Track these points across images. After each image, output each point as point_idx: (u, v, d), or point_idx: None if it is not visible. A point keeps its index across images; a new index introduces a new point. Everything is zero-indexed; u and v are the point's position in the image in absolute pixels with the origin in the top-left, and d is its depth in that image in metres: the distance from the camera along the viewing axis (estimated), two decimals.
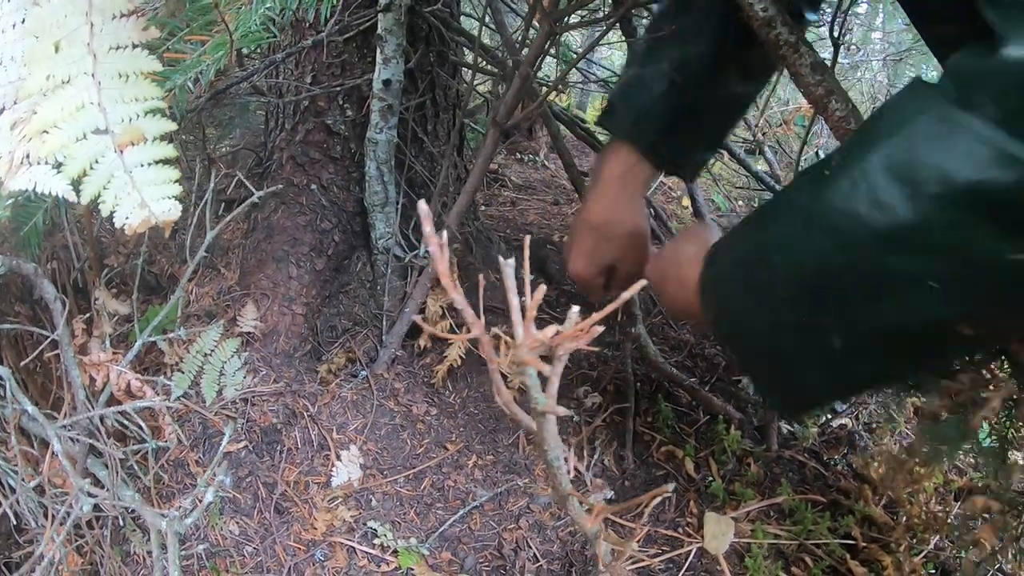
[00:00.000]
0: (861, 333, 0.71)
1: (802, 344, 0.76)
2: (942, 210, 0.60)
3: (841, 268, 0.69)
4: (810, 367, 0.77)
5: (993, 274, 0.61)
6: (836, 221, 0.68)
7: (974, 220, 0.59)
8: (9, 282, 1.20)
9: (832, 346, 0.72)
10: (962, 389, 1.04)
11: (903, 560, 1.26)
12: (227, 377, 1.43)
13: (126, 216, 0.68)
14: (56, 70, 0.70)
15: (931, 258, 0.63)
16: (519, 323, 0.58)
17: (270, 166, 1.79)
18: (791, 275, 0.74)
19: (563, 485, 0.82)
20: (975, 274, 0.62)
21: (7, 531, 1.19)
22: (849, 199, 0.66)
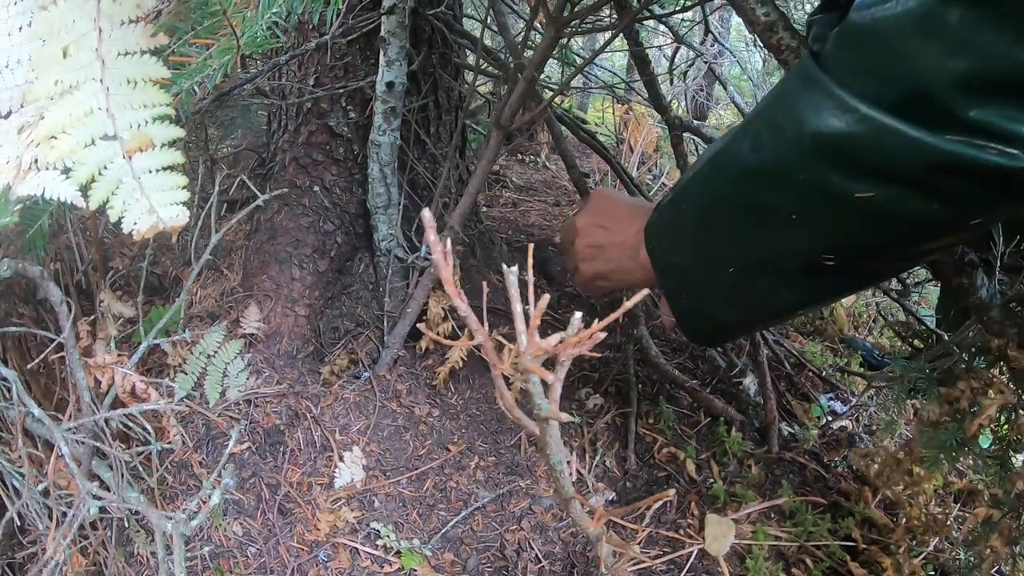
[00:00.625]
0: (744, 258, 0.82)
1: (706, 271, 0.87)
2: (798, 152, 0.71)
3: (728, 199, 0.81)
4: (715, 294, 0.89)
5: (844, 211, 0.71)
6: (728, 161, 0.82)
7: (823, 162, 0.69)
8: (14, 284, 1.20)
9: (727, 272, 0.84)
10: (960, 396, 1.04)
11: (903, 562, 1.26)
12: (230, 378, 1.44)
13: (134, 222, 0.68)
14: (64, 75, 0.70)
15: (791, 193, 0.74)
16: (523, 331, 0.58)
17: (273, 167, 1.79)
18: (697, 207, 0.87)
19: (566, 488, 0.83)
20: (829, 210, 0.72)
21: (11, 532, 1.19)
22: (738, 141, 0.79)
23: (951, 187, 0.64)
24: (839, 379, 1.92)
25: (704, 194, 0.86)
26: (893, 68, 0.62)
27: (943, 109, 0.60)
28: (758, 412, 1.66)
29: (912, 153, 0.63)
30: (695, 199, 0.88)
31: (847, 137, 0.66)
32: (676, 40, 2.57)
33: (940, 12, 0.59)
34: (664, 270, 0.95)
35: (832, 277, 0.80)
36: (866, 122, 0.64)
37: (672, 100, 3.46)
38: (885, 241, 0.73)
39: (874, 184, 0.67)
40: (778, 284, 0.84)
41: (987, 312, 1.04)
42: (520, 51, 1.51)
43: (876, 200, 0.68)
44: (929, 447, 1.09)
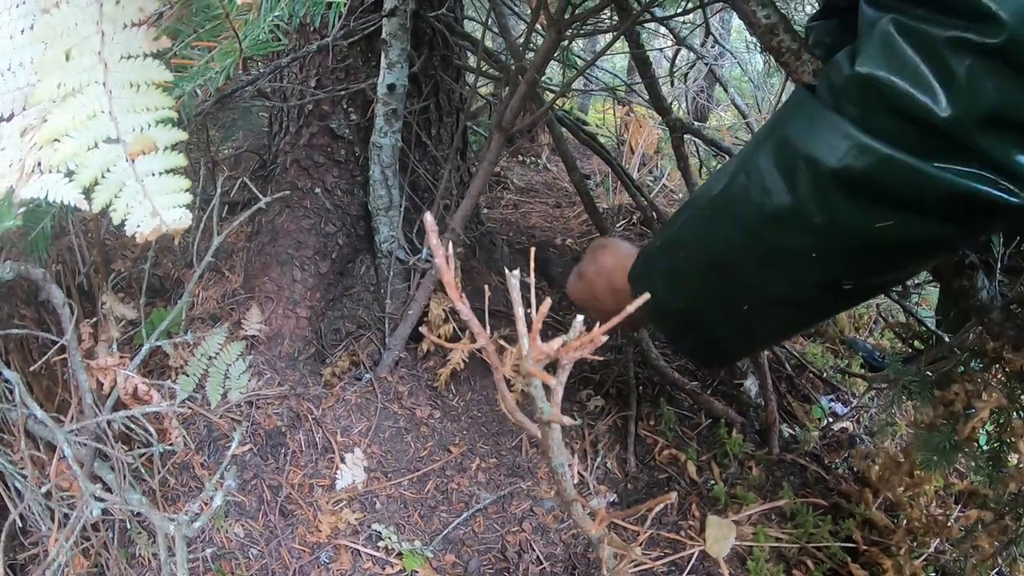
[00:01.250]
0: (762, 297, 0.84)
1: (715, 309, 0.89)
2: (814, 193, 0.73)
3: (741, 246, 0.82)
4: (724, 331, 0.91)
5: (864, 241, 0.73)
6: (735, 208, 0.81)
7: (840, 199, 0.71)
8: (16, 286, 1.21)
9: (740, 310, 0.86)
10: (955, 399, 1.04)
11: (904, 563, 1.26)
12: (232, 380, 1.44)
13: (137, 224, 0.68)
14: (67, 78, 0.70)
15: (807, 233, 0.75)
16: (524, 335, 0.59)
17: (274, 169, 1.80)
18: (701, 254, 0.87)
19: (567, 491, 0.83)
20: (848, 242, 0.74)
21: (13, 534, 1.20)
22: (744, 188, 0.79)
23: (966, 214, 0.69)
24: (840, 381, 1.92)
25: (711, 242, 0.86)
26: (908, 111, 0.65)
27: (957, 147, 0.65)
28: (759, 414, 1.66)
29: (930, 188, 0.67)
30: (698, 247, 0.88)
31: (867, 176, 0.69)
32: (677, 42, 2.57)
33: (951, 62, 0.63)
34: (662, 316, 0.96)
35: (847, 295, 0.82)
36: (887, 162, 0.67)
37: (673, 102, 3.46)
38: (902, 260, 0.77)
39: (893, 214, 0.70)
40: (794, 311, 0.86)
41: (987, 314, 1.04)
42: (521, 53, 1.52)
43: (895, 227, 0.71)
44: (924, 449, 1.09)
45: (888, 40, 0.67)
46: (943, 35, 0.63)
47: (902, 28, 0.66)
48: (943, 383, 1.10)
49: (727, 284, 0.85)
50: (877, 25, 0.68)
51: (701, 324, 0.92)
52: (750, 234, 0.80)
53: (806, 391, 1.84)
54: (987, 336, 1.07)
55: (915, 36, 0.65)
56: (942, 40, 0.63)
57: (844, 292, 0.80)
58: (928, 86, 0.64)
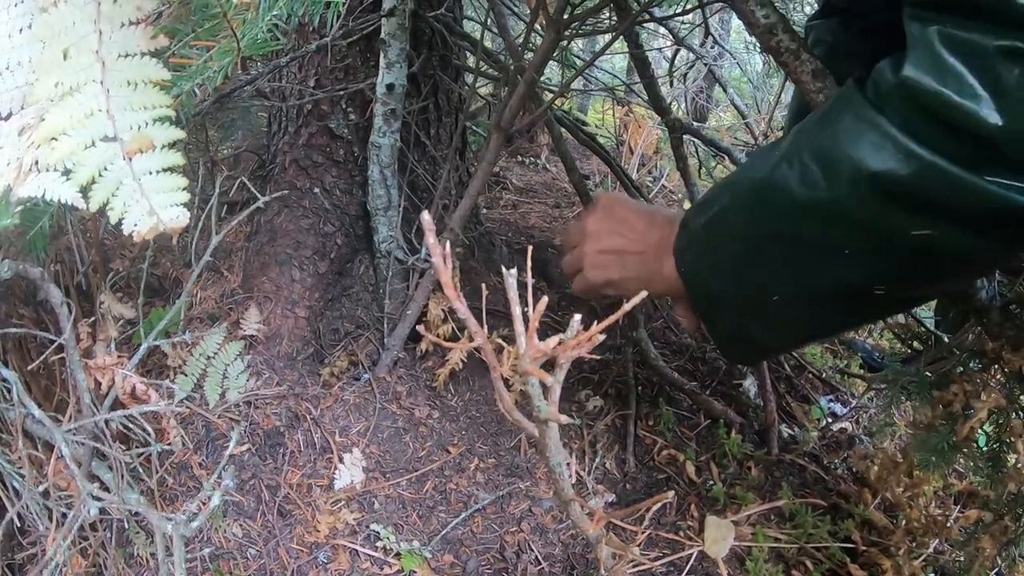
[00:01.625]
0: (792, 290, 0.84)
1: (746, 298, 0.89)
2: (853, 191, 0.72)
3: (775, 232, 0.82)
4: (754, 319, 0.90)
5: (897, 246, 0.73)
6: (775, 194, 0.80)
7: (880, 201, 0.71)
8: (14, 285, 1.20)
9: (770, 300, 0.85)
10: (953, 399, 1.04)
11: (903, 564, 1.26)
12: (230, 380, 1.44)
13: (135, 223, 0.68)
14: (65, 77, 0.70)
15: (842, 229, 0.75)
16: (521, 333, 0.59)
17: (273, 169, 1.80)
18: (739, 237, 0.87)
19: (565, 490, 0.83)
20: (884, 245, 0.74)
21: (11, 533, 1.19)
22: (786, 177, 0.79)
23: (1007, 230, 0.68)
24: (839, 381, 1.92)
25: (748, 227, 0.86)
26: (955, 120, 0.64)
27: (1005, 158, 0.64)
28: (758, 414, 1.66)
29: (974, 200, 0.66)
30: (737, 230, 0.87)
31: (909, 181, 0.68)
32: (676, 42, 2.57)
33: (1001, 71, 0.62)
34: (701, 295, 0.95)
35: (879, 303, 0.82)
36: (931, 169, 0.66)
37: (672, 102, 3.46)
38: (935, 272, 0.77)
39: (932, 223, 0.69)
40: (825, 311, 0.86)
41: (986, 314, 1.04)
42: (520, 53, 1.52)
43: (932, 237, 0.70)
44: (922, 450, 1.09)
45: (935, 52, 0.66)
46: (993, 44, 0.62)
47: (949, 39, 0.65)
48: (941, 383, 1.10)
49: (759, 271, 0.85)
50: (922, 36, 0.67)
51: (732, 310, 0.92)
52: (787, 223, 0.80)
53: (805, 391, 1.84)
54: (986, 336, 1.07)
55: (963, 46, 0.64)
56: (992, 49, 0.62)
57: (874, 299, 0.80)
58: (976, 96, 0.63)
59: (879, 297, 0.79)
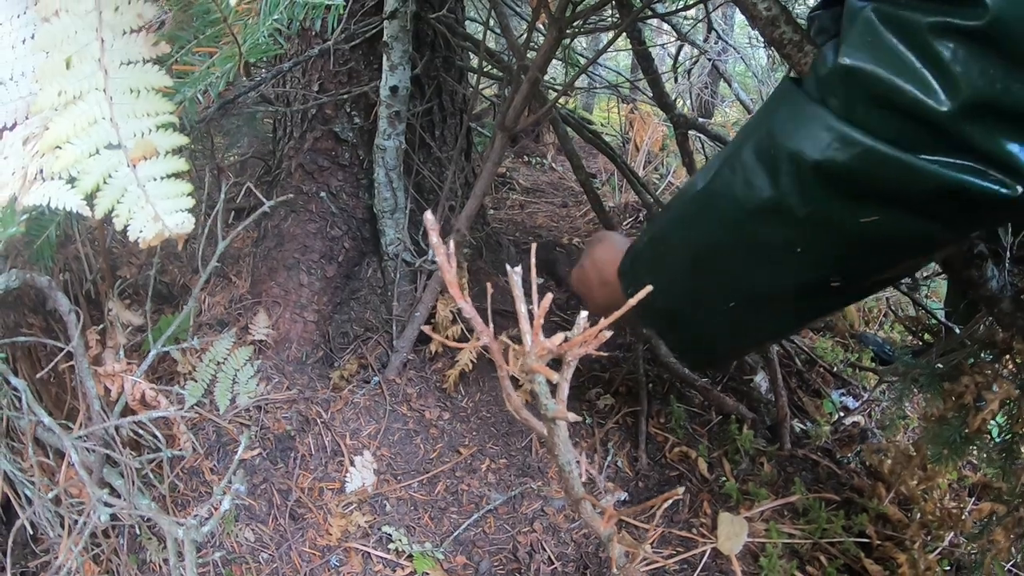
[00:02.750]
0: (747, 295, 0.82)
1: (701, 307, 0.87)
2: (795, 185, 0.71)
3: (724, 241, 0.80)
4: (710, 326, 0.89)
5: (848, 236, 0.72)
6: (718, 202, 0.80)
7: (824, 193, 0.70)
8: (23, 294, 1.21)
9: (725, 308, 0.84)
10: (965, 391, 1.03)
11: (918, 557, 1.25)
12: (240, 385, 1.44)
13: (140, 229, 0.68)
14: (68, 86, 0.71)
15: (791, 228, 0.73)
16: (527, 331, 0.58)
17: (279, 174, 1.80)
18: (684, 251, 0.86)
19: (576, 489, 0.82)
20: (833, 238, 0.72)
21: (23, 541, 1.20)
22: (728, 183, 0.78)
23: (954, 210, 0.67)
24: (850, 375, 1.91)
25: (693, 238, 0.84)
26: (893, 101, 0.63)
27: (945, 137, 0.63)
28: (769, 409, 1.66)
29: (917, 182, 0.65)
30: (682, 243, 0.86)
31: (850, 169, 0.67)
32: (679, 38, 2.57)
33: (939, 49, 0.61)
34: (648, 314, 0.93)
35: (836, 295, 0.80)
36: (870, 154, 0.65)
37: (677, 98, 3.45)
38: (888, 258, 0.75)
39: (877, 209, 0.68)
40: (781, 311, 0.84)
41: (997, 304, 1.03)
42: (523, 53, 1.51)
43: (880, 223, 0.69)
44: (934, 443, 1.08)
45: (870, 29, 0.65)
46: (925, 20, 0.61)
47: (883, 16, 0.64)
48: (952, 375, 1.09)
49: (711, 281, 0.84)
50: (860, 14, 0.66)
51: (687, 322, 0.91)
52: (733, 229, 0.79)
53: (817, 386, 1.83)
54: (997, 326, 1.06)
55: (897, 23, 0.63)
56: (924, 25, 0.61)
57: (834, 290, 0.78)
58: (916, 76, 0.62)
59: (837, 288, 0.78)
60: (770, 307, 0.83)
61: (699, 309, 0.88)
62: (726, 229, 0.79)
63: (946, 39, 0.60)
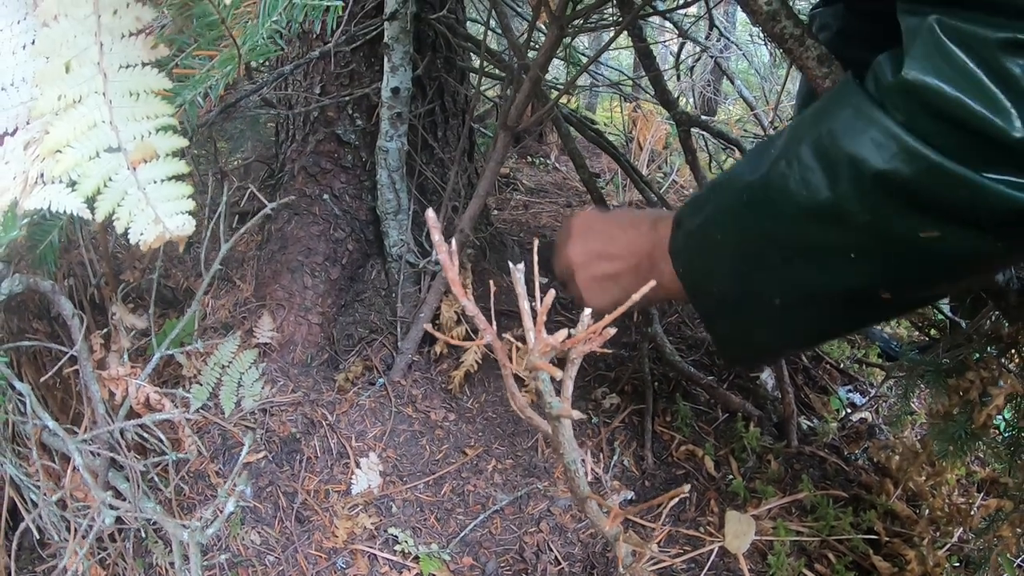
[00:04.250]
0: (795, 294, 0.80)
1: (747, 301, 0.85)
2: (855, 192, 0.69)
3: (774, 236, 0.79)
4: (755, 322, 0.87)
5: (904, 249, 0.70)
6: (772, 196, 0.77)
7: (885, 203, 0.68)
8: (27, 299, 1.21)
9: (772, 304, 0.82)
10: (970, 386, 1.03)
11: (927, 554, 1.25)
12: (245, 388, 1.44)
13: (140, 232, 0.68)
14: (67, 90, 0.71)
15: (847, 232, 0.72)
16: (530, 328, 0.58)
17: (282, 177, 1.80)
18: (735, 241, 0.83)
19: (581, 488, 0.82)
20: (889, 247, 0.71)
21: (30, 545, 1.20)
22: (783, 177, 0.75)
23: (1017, 230, 0.65)
24: (857, 371, 1.90)
25: (745, 230, 0.82)
26: (961, 119, 0.62)
27: (1015, 158, 0.61)
28: (776, 406, 1.65)
29: (983, 201, 0.63)
30: (733, 233, 0.84)
31: (915, 183, 0.65)
32: (681, 35, 2.56)
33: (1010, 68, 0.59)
34: (699, 295, 0.92)
35: (884, 307, 0.79)
36: (937, 169, 0.63)
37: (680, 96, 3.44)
38: (944, 274, 0.73)
39: (939, 224, 0.67)
40: (827, 315, 0.82)
41: (1003, 298, 1.03)
42: (524, 52, 1.51)
43: (941, 239, 0.67)
44: (940, 439, 1.07)
45: (935, 42, 0.63)
46: (994, 36, 0.59)
47: (949, 30, 0.62)
48: (957, 371, 1.09)
49: (760, 275, 0.82)
50: (921, 28, 0.64)
51: (734, 312, 0.88)
52: (787, 226, 0.77)
53: (823, 382, 1.82)
54: (1004, 320, 1.06)
55: (964, 38, 0.61)
56: (993, 42, 0.59)
57: (881, 302, 0.77)
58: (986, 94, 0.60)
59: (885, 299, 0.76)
60: (817, 309, 0.81)
61: (746, 301, 0.86)
62: (780, 225, 0.78)
63: (1018, 56, 0.59)
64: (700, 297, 0.92)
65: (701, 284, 0.91)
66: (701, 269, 0.90)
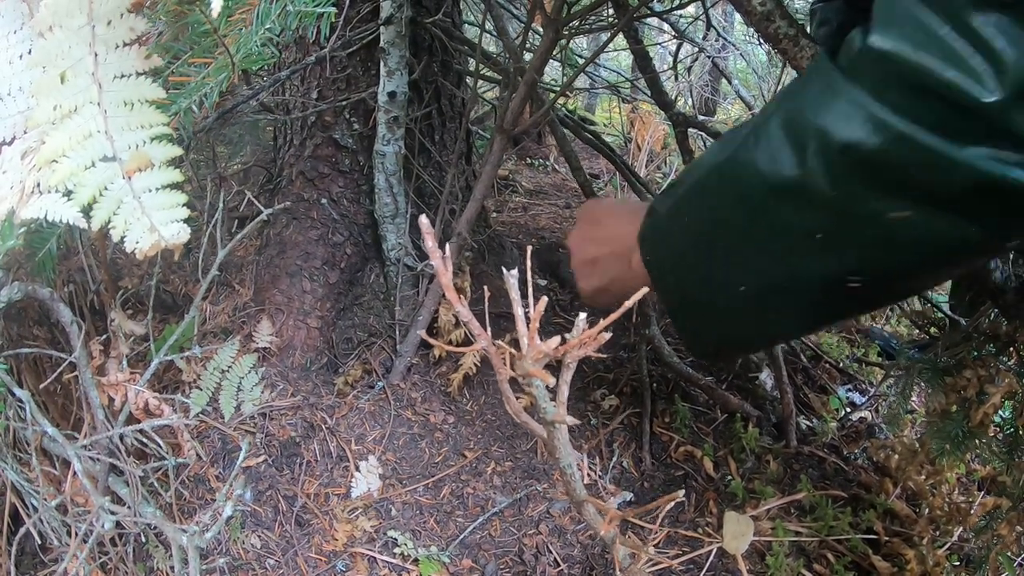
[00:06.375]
0: (762, 281, 0.75)
1: (711, 288, 0.80)
2: (822, 167, 0.65)
3: (742, 219, 0.74)
4: (721, 312, 0.82)
5: (874, 231, 0.65)
6: (739, 173, 0.73)
7: (852, 178, 0.64)
8: (27, 306, 1.22)
9: (738, 292, 0.77)
10: (967, 385, 1.03)
11: (926, 553, 1.25)
12: (245, 393, 1.45)
13: (136, 240, 0.69)
14: (63, 100, 0.71)
15: (814, 212, 0.67)
16: (524, 334, 0.58)
17: (280, 182, 1.81)
18: (700, 224, 0.79)
19: (578, 491, 0.83)
20: (857, 230, 0.66)
21: (32, 550, 1.21)
22: (751, 154, 0.71)
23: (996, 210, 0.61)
24: (857, 370, 1.90)
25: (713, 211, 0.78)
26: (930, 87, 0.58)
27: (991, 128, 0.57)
28: (775, 407, 1.65)
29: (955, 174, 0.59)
30: (698, 215, 0.80)
31: (883, 155, 0.61)
32: (677, 36, 2.57)
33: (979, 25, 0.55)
34: (662, 286, 0.87)
35: (854, 298, 0.74)
36: (905, 140, 0.59)
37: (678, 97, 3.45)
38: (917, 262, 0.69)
39: (911, 204, 0.62)
40: (794, 306, 0.77)
41: (1002, 296, 1.03)
42: (520, 54, 1.52)
43: (912, 220, 0.63)
44: (938, 438, 1.07)
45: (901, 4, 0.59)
46: None
47: None
48: (955, 369, 1.09)
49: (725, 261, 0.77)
50: None
51: (697, 304, 0.84)
52: (752, 206, 0.72)
53: (822, 382, 1.83)
54: (1002, 318, 1.06)
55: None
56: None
57: (854, 291, 0.71)
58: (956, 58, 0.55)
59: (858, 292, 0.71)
60: (784, 299, 0.76)
61: (709, 290, 0.81)
62: (745, 206, 0.73)
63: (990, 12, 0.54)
64: (662, 287, 0.87)
65: (663, 272, 0.86)
66: (666, 255, 0.85)
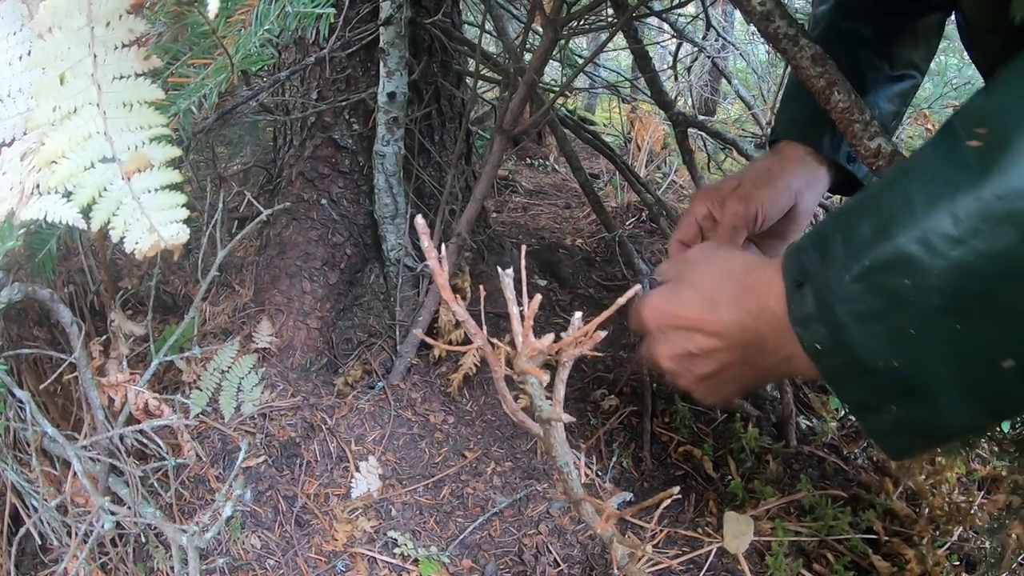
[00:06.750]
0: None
1: (957, 368, 0.58)
2: None
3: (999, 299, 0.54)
4: (962, 397, 0.59)
5: None
6: (1017, 206, 0.51)
7: None
8: (27, 307, 1.22)
9: (998, 368, 0.56)
10: None
11: (926, 553, 1.25)
12: (245, 393, 1.45)
13: (136, 241, 0.69)
14: (62, 101, 0.71)
15: None
16: (519, 332, 0.59)
17: (280, 183, 1.81)
18: (951, 279, 0.56)
19: (575, 490, 0.83)
20: None
21: (32, 550, 1.21)
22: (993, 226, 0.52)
23: None
24: None
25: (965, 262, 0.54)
26: None
27: None
28: (775, 406, 1.65)
29: None
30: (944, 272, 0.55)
31: None
32: (676, 36, 2.57)
33: None
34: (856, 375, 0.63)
35: None
36: None
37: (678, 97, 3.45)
38: None
39: None
40: None
41: None
42: (520, 55, 1.52)
43: None
44: None
45: None
46: None
47: None
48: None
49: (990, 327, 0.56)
50: None
51: (924, 389, 0.60)
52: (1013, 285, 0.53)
53: (822, 382, 1.82)
54: None
55: None
56: None
57: None
58: None
59: None
60: None
61: (956, 373, 0.58)
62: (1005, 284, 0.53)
63: None
64: (851, 379, 0.65)
65: (858, 360, 0.62)
66: (863, 338, 0.61)
